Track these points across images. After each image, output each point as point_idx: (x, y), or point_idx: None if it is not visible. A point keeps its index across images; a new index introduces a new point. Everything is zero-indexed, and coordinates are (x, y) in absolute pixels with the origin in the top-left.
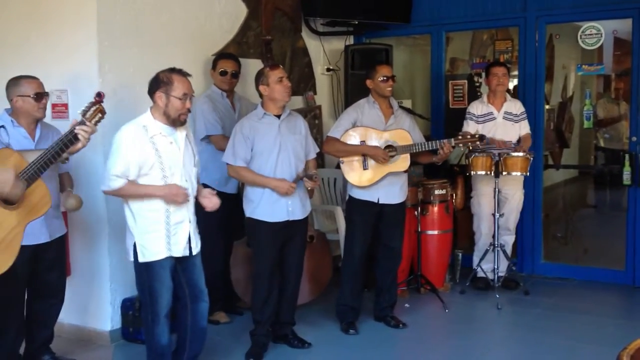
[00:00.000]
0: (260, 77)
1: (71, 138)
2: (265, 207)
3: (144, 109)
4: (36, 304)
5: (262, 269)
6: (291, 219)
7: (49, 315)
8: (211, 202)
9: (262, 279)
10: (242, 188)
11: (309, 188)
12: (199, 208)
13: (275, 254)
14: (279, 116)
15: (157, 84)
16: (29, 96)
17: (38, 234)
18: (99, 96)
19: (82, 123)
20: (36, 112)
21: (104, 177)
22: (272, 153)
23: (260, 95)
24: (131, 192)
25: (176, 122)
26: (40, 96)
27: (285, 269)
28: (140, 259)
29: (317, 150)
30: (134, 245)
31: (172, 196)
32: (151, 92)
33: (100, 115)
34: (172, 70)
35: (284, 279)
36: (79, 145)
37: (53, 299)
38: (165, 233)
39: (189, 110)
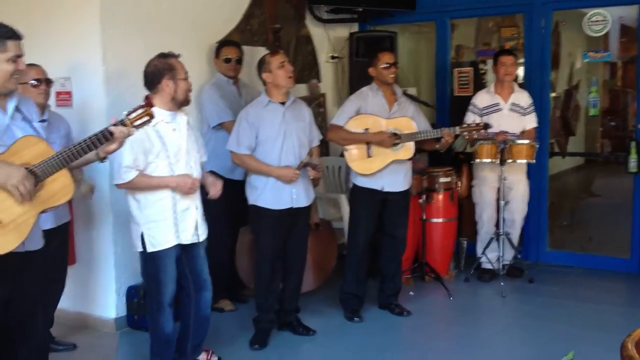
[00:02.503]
0: (262, 65)
1: (106, 134)
2: (270, 194)
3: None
4: None
5: (265, 255)
6: (295, 206)
7: (51, 300)
8: (215, 190)
9: (266, 265)
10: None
11: (312, 177)
12: (204, 195)
13: (278, 241)
14: (283, 103)
15: (161, 72)
16: (27, 83)
17: (44, 220)
18: (147, 99)
19: (121, 123)
20: (36, 98)
21: (116, 171)
22: (277, 141)
23: (264, 83)
24: (144, 185)
25: (185, 102)
26: (40, 82)
27: (288, 257)
28: (150, 249)
29: (321, 137)
30: (142, 236)
31: (184, 186)
32: (155, 82)
33: (147, 118)
34: (165, 56)
35: (287, 266)
36: (114, 146)
37: (56, 284)
38: (173, 221)
39: (191, 87)
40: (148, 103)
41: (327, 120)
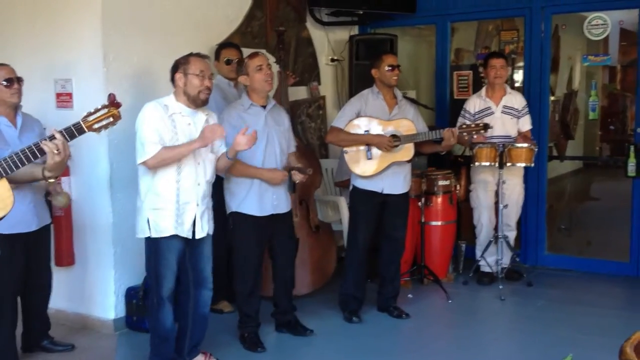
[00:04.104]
0: (240, 67)
1: (35, 151)
2: (253, 201)
3: (149, 97)
4: (29, 298)
5: (249, 263)
6: (276, 212)
7: (42, 305)
8: (247, 140)
9: (249, 273)
10: None
11: (297, 181)
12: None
13: (260, 249)
14: (264, 107)
15: (176, 66)
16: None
17: (29, 222)
18: (109, 98)
19: (75, 126)
20: (9, 98)
21: (140, 149)
22: (260, 145)
23: (244, 86)
24: (169, 156)
25: (197, 100)
26: (11, 81)
27: (276, 260)
28: (153, 235)
29: (296, 144)
30: (148, 221)
31: (209, 139)
32: (172, 77)
33: (111, 119)
34: (190, 54)
35: (277, 269)
36: (56, 158)
37: (44, 289)
38: (175, 212)
39: (209, 89)
40: (111, 102)
41: (327, 123)
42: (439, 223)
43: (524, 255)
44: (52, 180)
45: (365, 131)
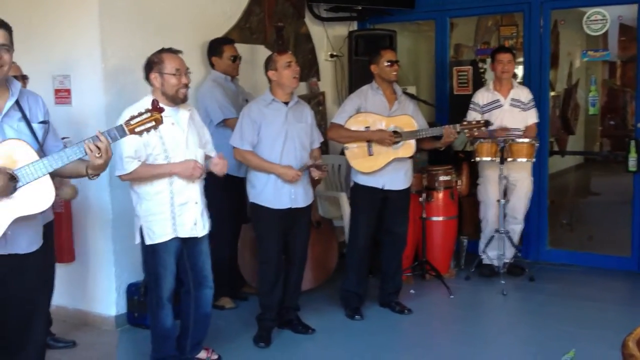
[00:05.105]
0: (269, 63)
1: (77, 150)
2: (269, 193)
3: (147, 93)
4: None
5: (267, 255)
6: (294, 207)
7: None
8: (220, 166)
9: (269, 264)
10: None
11: (317, 177)
12: (208, 191)
13: (279, 240)
14: (286, 103)
15: (150, 66)
16: None
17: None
18: (152, 103)
19: (117, 129)
20: None
21: (117, 163)
22: (278, 140)
23: (269, 81)
24: (147, 174)
25: (176, 98)
26: (16, 79)
27: (289, 255)
28: (147, 242)
29: (322, 139)
30: (140, 229)
31: (190, 171)
32: (147, 76)
33: (153, 123)
34: (162, 50)
35: (288, 264)
36: (97, 161)
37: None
38: (171, 215)
39: (186, 86)
40: (154, 107)
41: (327, 119)
42: (440, 218)
43: (526, 250)
44: (94, 178)
45: (366, 127)
